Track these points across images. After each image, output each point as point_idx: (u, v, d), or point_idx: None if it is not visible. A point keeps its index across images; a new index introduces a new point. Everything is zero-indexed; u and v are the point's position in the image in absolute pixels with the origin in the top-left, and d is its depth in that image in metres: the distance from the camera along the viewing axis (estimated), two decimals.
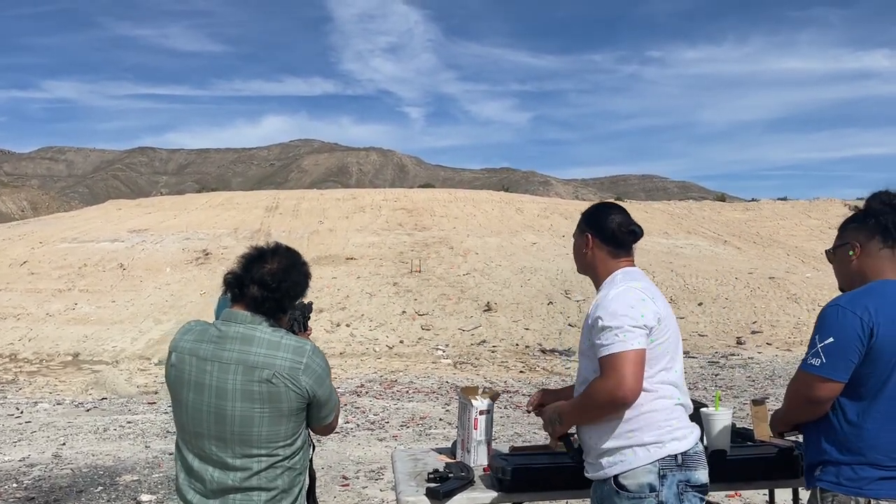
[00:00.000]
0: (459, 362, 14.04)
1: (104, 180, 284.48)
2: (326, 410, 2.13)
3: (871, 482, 2.05)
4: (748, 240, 28.12)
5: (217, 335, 2.04)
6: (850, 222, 2.29)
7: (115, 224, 29.05)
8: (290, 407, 2.02)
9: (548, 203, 34.72)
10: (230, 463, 2.01)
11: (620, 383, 2.03)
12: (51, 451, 5.93)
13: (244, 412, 1.98)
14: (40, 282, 20.56)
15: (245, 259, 2.08)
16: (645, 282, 2.26)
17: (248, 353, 1.99)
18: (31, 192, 76.94)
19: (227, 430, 1.99)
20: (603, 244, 2.33)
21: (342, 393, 9.55)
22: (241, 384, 1.98)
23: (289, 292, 2.07)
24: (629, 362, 2.03)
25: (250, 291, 2.03)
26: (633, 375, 2.03)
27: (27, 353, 15.08)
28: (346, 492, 4.74)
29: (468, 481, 2.47)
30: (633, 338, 2.06)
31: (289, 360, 2.01)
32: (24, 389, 10.90)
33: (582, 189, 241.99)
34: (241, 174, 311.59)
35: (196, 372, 2.02)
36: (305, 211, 30.38)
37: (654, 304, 2.16)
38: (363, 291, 19.16)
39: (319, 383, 2.06)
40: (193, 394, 2.03)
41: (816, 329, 2.14)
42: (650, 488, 2.07)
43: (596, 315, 2.17)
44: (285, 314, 2.14)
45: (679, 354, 2.26)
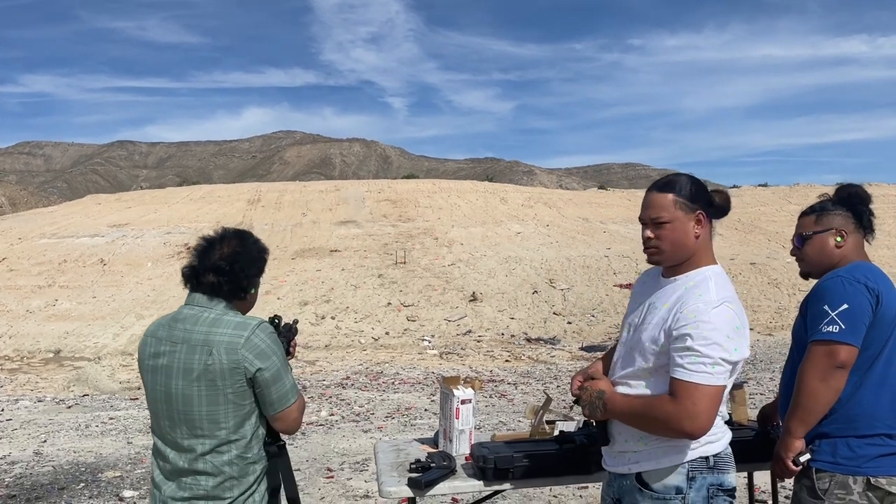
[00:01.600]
0: (445, 353, 14.05)
1: (83, 175, 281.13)
2: (277, 393, 2.04)
3: (870, 460, 2.05)
4: (730, 226, 28.33)
5: (172, 318, 2.09)
6: (828, 210, 2.30)
7: (95, 219, 28.73)
8: (228, 385, 1.98)
9: (532, 192, 34.76)
10: (181, 444, 2.02)
11: (693, 418, 1.83)
12: (32, 448, 5.87)
13: (186, 391, 1.99)
14: (20, 278, 20.31)
15: (197, 250, 2.10)
16: (733, 293, 1.96)
17: (192, 332, 2.01)
18: (9, 188, 75.77)
19: (174, 410, 2.02)
20: (711, 223, 2.01)
21: (327, 385, 9.52)
22: (183, 363, 2.00)
23: (244, 271, 2.09)
24: (708, 399, 1.83)
25: (206, 279, 2.05)
26: (707, 413, 1.83)
27: (8, 350, 14.91)
28: (330, 484, 4.73)
29: (450, 470, 2.47)
30: (720, 373, 1.84)
31: (228, 334, 1.99)
32: (5, 387, 10.78)
33: (566, 178, 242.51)
34: (222, 167, 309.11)
35: (152, 354, 2.06)
36: (288, 203, 30.21)
37: (746, 331, 1.92)
38: (348, 283, 19.11)
39: (262, 358, 2.00)
40: (150, 375, 2.07)
41: (822, 300, 2.11)
42: (677, 490, 1.93)
43: (684, 329, 1.86)
44: (246, 293, 2.13)
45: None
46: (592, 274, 19.79)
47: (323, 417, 7.03)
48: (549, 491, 4.49)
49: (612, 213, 30.13)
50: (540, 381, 9.81)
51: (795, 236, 2.35)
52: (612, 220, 28.47)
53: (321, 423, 6.75)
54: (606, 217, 29.11)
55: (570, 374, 10.91)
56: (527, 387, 9.17)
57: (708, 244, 2.01)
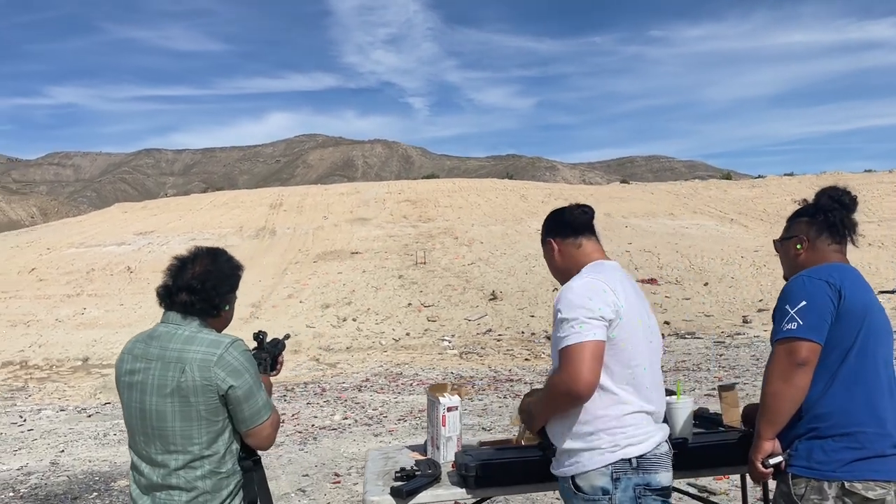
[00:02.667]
0: (465, 352, 14.05)
1: (112, 183, 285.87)
2: (249, 410, 2.07)
3: (845, 464, 2.01)
4: (755, 217, 27.95)
5: (148, 335, 2.13)
6: (799, 216, 2.30)
7: (122, 227, 29.23)
8: (201, 402, 2.02)
9: (552, 189, 34.61)
10: (155, 459, 2.07)
11: (575, 376, 1.96)
12: (49, 458, 6.00)
13: (159, 407, 2.04)
14: (49, 288, 20.73)
15: (170, 270, 2.15)
16: (611, 273, 2.17)
17: (166, 349, 2.06)
18: (40, 199, 77.47)
19: (148, 426, 2.06)
20: (564, 240, 2.28)
21: (345, 388, 9.58)
22: (157, 380, 2.04)
23: (216, 289, 2.13)
24: (585, 354, 1.97)
25: (179, 298, 2.10)
26: (588, 368, 1.96)
27: (37, 359, 15.21)
28: (336, 489, 4.76)
29: (434, 478, 2.47)
30: (590, 329, 1.98)
31: (201, 352, 2.03)
32: (33, 396, 11.01)
33: (588, 173, 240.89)
34: (247, 172, 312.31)
35: (128, 370, 2.11)
36: (310, 207, 30.45)
37: (616, 296, 2.07)
38: (369, 285, 19.20)
39: (235, 376, 2.03)
40: (126, 391, 2.12)
41: (784, 300, 2.12)
42: (603, 491, 2.03)
43: (556, 307, 2.11)
44: (219, 310, 2.17)
45: (650, 356, 2.16)
46: None
47: (336, 421, 7.08)
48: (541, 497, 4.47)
49: (635, 207, 29.88)
50: None
51: None
52: (633, 215, 28.23)
53: (334, 426, 6.80)
54: (628, 211, 28.87)
55: None
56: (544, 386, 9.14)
57: (572, 258, 2.27)
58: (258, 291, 19.08)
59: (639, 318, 2.15)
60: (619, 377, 2.06)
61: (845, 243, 2.26)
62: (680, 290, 17.97)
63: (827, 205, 2.24)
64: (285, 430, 6.85)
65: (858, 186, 26.64)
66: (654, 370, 2.17)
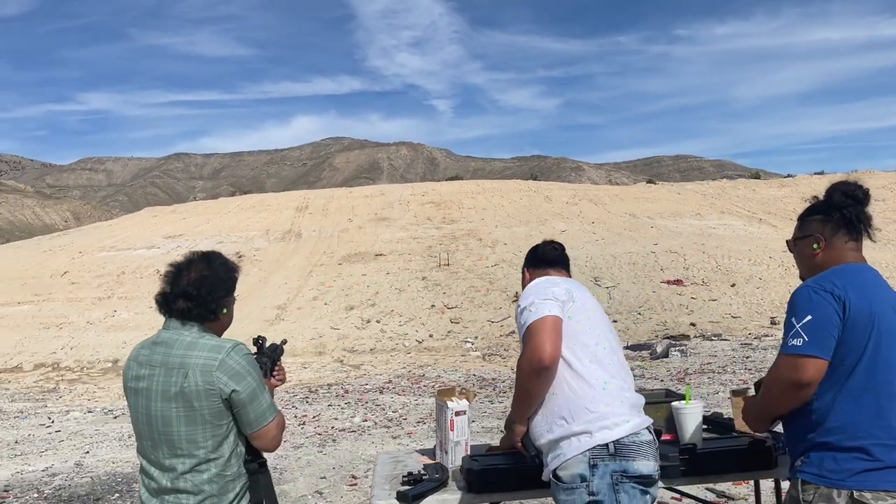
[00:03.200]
0: (488, 354, 14.03)
1: (143, 188, 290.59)
2: (254, 413, 2.10)
3: (855, 474, 1.98)
4: (784, 217, 27.49)
5: (152, 341, 2.18)
6: (812, 214, 2.24)
7: (151, 231, 29.70)
8: (205, 406, 2.05)
9: (577, 189, 34.41)
10: (162, 463, 2.10)
11: (536, 348, 2.09)
12: (74, 459, 6.11)
13: (165, 412, 2.07)
14: (81, 291, 21.13)
15: (167, 278, 2.19)
16: (562, 278, 2.44)
17: (169, 355, 2.09)
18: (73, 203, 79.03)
19: (154, 431, 2.10)
20: (535, 270, 2.57)
21: (367, 390, 9.62)
22: (161, 385, 2.08)
23: (211, 294, 2.16)
24: (543, 327, 2.11)
25: (177, 305, 2.14)
26: (549, 340, 2.09)
27: (69, 361, 15.51)
28: (353, 491, 4.79)
29: (441, 483, 2.48)
30: (545, 307, 2.15)
31: (204, 357, 2.07)
32: (63, 398, 11.23)
33: (615, 173, 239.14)
34: (274, 175, 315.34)
35: (133, 376, 2.16)
36: (335, 209, 30.65)
37: (567, 286, 2.29)
38: (392, 287, 19.26)
39: (238, 380, 2.07)
40: (132, 397, 2.16)
41: (791, 312, 2.09)
42: (581, 478, 2.06)
43: (517, 307, 2.33)
44: (217, 315, 2.19)
45: (608, 337, 2.27)
46: (639, 271, 19.47)
47: (356, 423, 7.12)
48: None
49: (661, 207, 29.58)
50: None
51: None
52: (659, 215, 27.95)
53: (353, 429, 6.84)
54: (654, 212, 28.59)
55: None
56: None
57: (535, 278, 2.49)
58: (284, 293, 19.25)
59: (594, 308, 2.32)
60: (581, 354, 2.16)
61: (861, 240, 2.20)
62: (706, 291, 17.74)
63: (841, 201, 2.18)
64: (305, 431, 6.90)
65: (891, 184, 26.00)
66: (618, 355, 2.27)
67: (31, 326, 17.76)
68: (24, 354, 15.54)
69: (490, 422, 6.95)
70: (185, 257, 2.21)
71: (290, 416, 7.90)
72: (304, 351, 14.60)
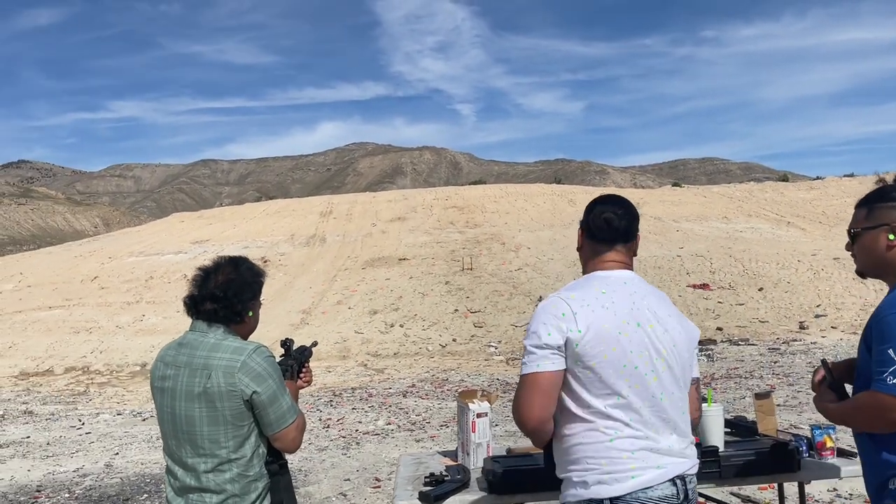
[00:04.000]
0: (511, 358, 14.00)
1: (170, 193, 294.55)
2: (274, 414, 2.14)
3: None
4: (813, 220, 27.10)
5: (178, 342, 2.23)
6: (883, 199, 1.94)
7: (179, 236, 30.12)
8: (227, 407, 2.09)
9: (601, 193, 34.21)
10: (186, 462, 2.15)
11: (517, 408, 1.87)
12: (104, 460, 6.23)
13: (188, 412, 2.12)
14: (110, 295, 21.48)
15: (195, 281, 2.24)
16: (594, 287, 1.94)
17: (194, 356, 2.14)
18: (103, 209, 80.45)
19: (178, 430, 2.15)
20: (587, 239, 2.06)
21: (391, 394, 9.66)
22: (185, 385, 2.13)
23: (238, 297, 2.20)
24: (525, 387, 1.86)
25: (205, 307, 2.18)
26: (527, 401, 1.84)
27: (98, 364, 15.78)
28: (376, 493, 4.83)
29: (462, 484, 2.49)
30: (534, 360, 1.85)
31: (226, 358, 2.11)
32: (93, 400, 11.43)
33: (640, 176, 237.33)
34: (299, 181, 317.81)
35: (160, 377, 2.21)
36: (358, 214, 30.83)
37: (576, 321, 1.84)
38: (416, 291, 19.32)
39: (259, 381, 2.10)
40: (159, 396, 2.22)
41: (887, 340, 1.78)
42: None
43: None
44: (242, 317, 2.23)
45: (642, 379, 1.86)
46: (664, 274, 19.31)
47: (380, 426, 7.16)
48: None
49: (686, 210, 29.31)
50: None
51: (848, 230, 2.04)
52: (685, 219, 27.70)
53: (377, 432, 6.88)
54: (680, 215, 28.34)
55: None
56: None
57: (588, 259, 2.06)
58: (309, 298, 19.40)
59: (634, 331, 1.87)
60: (596, 401, 1.84)
61: None
62: (733, 295, 17.54)
63: None
64: (330, 434, 6.96)
65: None
66: (650, 400, 1.86)
67: (62, 330, 18.10)
68: (56, 358, 15.84)
69: (513, 425, 6.95)
70: (212, 261, 2.26)
71: (315, 418, 7.96)
72: (329, 355, 14.70)
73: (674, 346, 1.91)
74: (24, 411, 10.11)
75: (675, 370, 1.91)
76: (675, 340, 1.92)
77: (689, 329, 2.00)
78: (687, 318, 2.03)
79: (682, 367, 1.93)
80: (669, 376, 1.89)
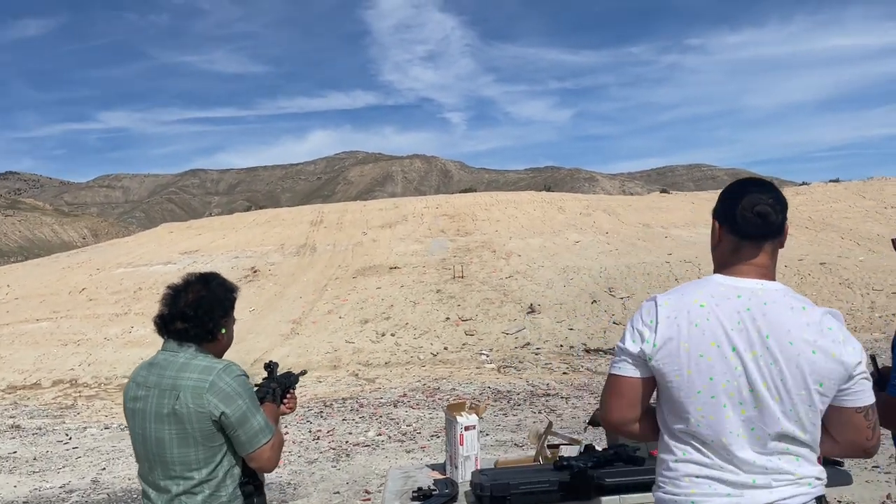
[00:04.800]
0: (503, 366, 13.99)
1: (159, 204, 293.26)
2: (245, 435, 2.10)
3: None
4: (799, 225, 27.25)
5: (149, 362, 2.20)
6: None
7: (168, 247, 29.96)
8: (197, 428, 2.06)
9: (590, 200, 34.34)
10: (159, 484, 2.12)
11: (601, 404, 1.86)
12: (91, 476, 6.17)
13: (158, 434, 2.09)
14: (98, 307, 21.32)
15: (165, 300, 2.20)
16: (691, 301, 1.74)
17: (163, 376, 2.11)
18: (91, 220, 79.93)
19: (150, 452, 2.12)
20: (725, 231, 1.80)
21: (381, 404, 9.62)
22: (155, 407, 2.10)
23: (209, 314, 2.16)
24: (607, 386, 1.83)
25: (175, 326, 2.15)
26: (607, 402, 1.82)
27: (86, 377, 15.65)
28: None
29: (451, 498, 2.48)
30: (616, 362, 1.80)
31: (194, 378, 2.07)
32: (81, 414, 11.33)
33: (629, 183, 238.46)
34: (289, 189, 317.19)
35: (132, 397, 2.18)
36: (349, 223, 30.79)
37: (655, 333, 1.71)
38: (407, 300, 19.28)
39: (227, 402, 2.06)
40: (131, 418, 2.19)
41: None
42: None
43: None
44: (214, 336, 2.19)
45: (719, 412, 1.69)
46: (653, 281, 19.36)
47: (370, 438, 7.13)
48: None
49: (675, 217, 29.44)
50: (594, 394, 9.65)
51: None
52: (674, 225, 27.83)
53: (367, 443, 6.85)
54: (668, 222, 28.47)
55: None
56: (579, 401, 9.05)
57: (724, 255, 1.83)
58: (299, 308, 19.33)
59: (727, 359, 1.68)
60: (669, 418, 1.77)
61: None
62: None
63: None
64: (320, 446, 6.92)
65: None
66: (756, 428, 1.68)
67: (50, 343, 17.95)
68: (43, 371, 15.71)
69: (504, 434, 6.94)
70: (182, 279, 2.22)
71: (305, 430, 7.92)
72: (319, 365, 14.64)
73: (781, 381, 1.66)
74: (11, 426, 10.00)
75: (772, 408, 1.67)
76: (788, 374, 1.67)
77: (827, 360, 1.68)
78: (846, 343, 1.70)
79: (795, 403, 1.67)
80: (766, 413, 1.68)
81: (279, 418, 2.36)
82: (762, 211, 1.74)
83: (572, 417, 7.81)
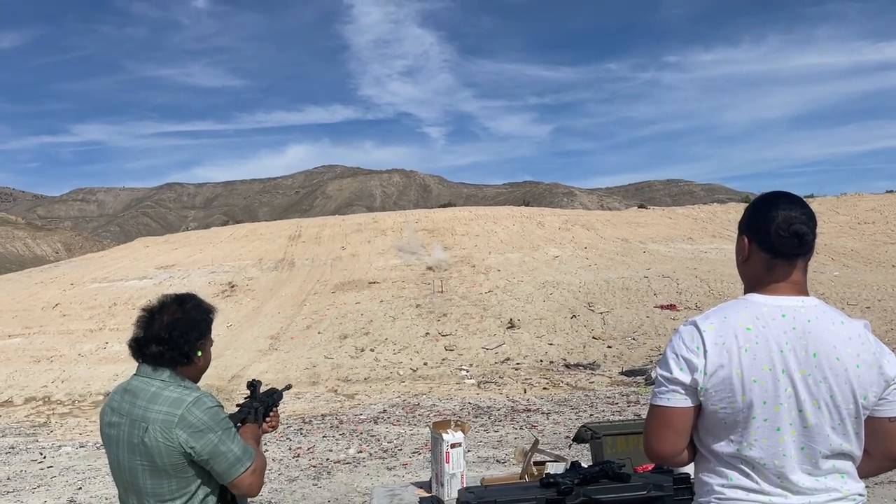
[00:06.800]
0: (483, 382, 13.99)
1: (134, 218, 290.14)
2: (220, 466, 2.04)
3: None
4: None
5: (124, 388, 2.14)
6: None
7: (144, 262, 29.59)
8: (167, 462, 2.01)
9: (569, 215, 34.58)
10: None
11: (647, 438, 1.81)
12: (66, 496, 6.05)
13: (131, 464, 2.05)
14: (72, 323, 20.99)
15: (139, 322, 2.15)
16: (736, 325, 1.72)
17: (134, 405, 2.06)
18: (65, 234, 78.76)
19: (124, 479, 2.09)
20: (761, 251, 1.77)
21: (361, 420, 9.57)
22: (126, 437, 2.05)
23: (184, 337, 2.11)
24: (655, 418, 1.77)
25: (149, 350, 2.10)
26: (656, 435, 1.77)
27: (60, 394, 15.37)
28: None
29: None
30: (664, 393, 1.75)
31: (163, 412, 2.01)
32: (55, 432, 11.12)
33: (606, 198, 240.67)
34: (267, 204, 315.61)
35: (107, 423, 2.13)
36: (328, 237, 30.66)
37: (705, 360, 1.69)
38: (386, 315, 19.23)
39: (197, 437, 2.00)
40: (106, 444, 2.15)
41: None
42: None
43: None
44: (191, 359, 2.14)
45: (773, 435, 1.69)
46: (632, 296, 19.52)
47: (351, 455, 7.08)
48: None
49: (653, 232, 29.75)
50: (575, 409, 9.68)
51: None
52: (651, 240, 28.10)
53: (348, 460, 6.79)
54: (646, 236, 28.75)
55: (608, 400, 10.73)
56: (559, 416, 9.06)
57: (758, 274, 1.81)
58: (277, 323, 19.18)
59: (779, 382, 1.68)
60: (716, 443, 1.75)
61: None
62: (697, 314, 17.79)
63: None
64: (300, 464, 6.85)
65: (880, 207, 26.19)
66: (807, 447, 1.70)
67: (22, 359, 17.62)
68: (15, 388, 15.41)
69: (486, 451, 6.92)
70: (158, 300, 2.17)
71: (285, 447, 7.84)
72: (298, 381, 14.52)
73: (831, 397, 1.68)
74: None
75: (822, 426, 1.69)
76: (837, 390, 1.69)
77: (870, 372, 1.71)
78: (882, 354, 1.73)
79: (843, 417, 1.70)
80: (815, 431, 1.69)
81: (261, 438, 2.33)
82: (799, 231, 1.72)
83: (553, 433, 7.81)
